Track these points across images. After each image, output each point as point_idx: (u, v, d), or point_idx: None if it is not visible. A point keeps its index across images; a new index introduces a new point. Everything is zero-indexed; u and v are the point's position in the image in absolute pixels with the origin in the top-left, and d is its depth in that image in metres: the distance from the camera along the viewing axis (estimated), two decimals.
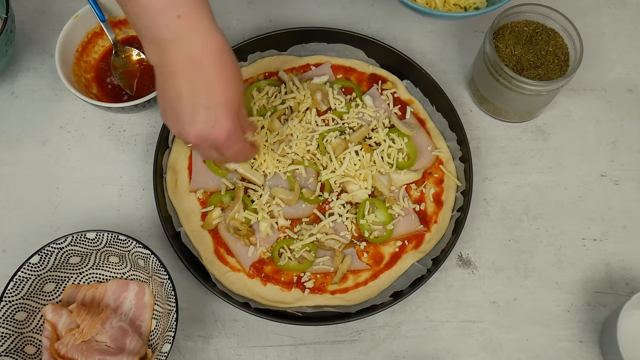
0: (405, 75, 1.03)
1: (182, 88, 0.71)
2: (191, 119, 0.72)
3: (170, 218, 0.94)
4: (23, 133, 1.02)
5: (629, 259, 0.97)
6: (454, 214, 0.95)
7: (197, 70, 0.70)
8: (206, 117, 0.72)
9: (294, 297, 0.91)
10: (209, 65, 0.71)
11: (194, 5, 0.69)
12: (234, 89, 0.73)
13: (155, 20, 0.69)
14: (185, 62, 0.70)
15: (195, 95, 0.71)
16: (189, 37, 0.69)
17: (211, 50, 0.71)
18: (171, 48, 0.70)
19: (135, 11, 0.70)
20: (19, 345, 0.84)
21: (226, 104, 0.72)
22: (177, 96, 0.72)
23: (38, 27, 1.09)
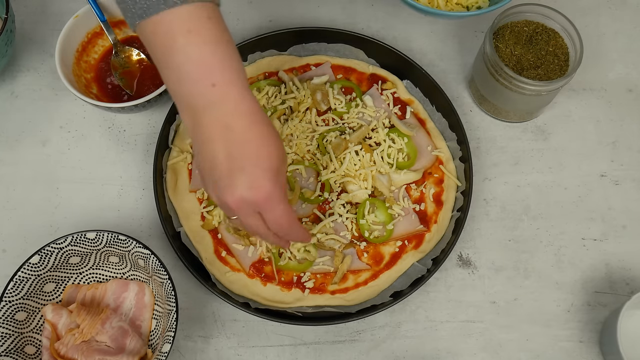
0: (405, 75, 1.03)
1: (218, 154, 0.70)
2: (228, 183, 0.70)
3: (170, 218, 0.94)
4: (23, 133, 1.02)
5: (629, 259, 0.97)
6: (454, 214, 0.95)
7: (230, 134, 0.69)
8: (243, 179, 0.70)
9: (294, 297, 0.91)
10: (240, 129, 0.70)
11: (229, 73, 0.69)
12: (267, 149, 0.71)
13: (191, 88, 0.69)
14: (218, 128, 0.69)
15: (230, 160, 0.70)
16: (222, 103, 0.69)
17: (242, 114, 0.70)
18: (204, 114, 0.69)
19: (173, 78, 0.69)
20: (19, 345, 0.84)
21: (261, 164, 0.70)
22: (213, 163, 0.71)
23: (38, 27, 1.09)
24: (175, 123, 0.98)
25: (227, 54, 0.69)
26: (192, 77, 0.68)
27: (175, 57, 0.68)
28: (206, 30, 0.68)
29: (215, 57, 0.68)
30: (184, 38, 0.67)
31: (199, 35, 0.67)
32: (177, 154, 0.97)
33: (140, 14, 0.67)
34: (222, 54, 0.68)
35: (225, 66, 0.68)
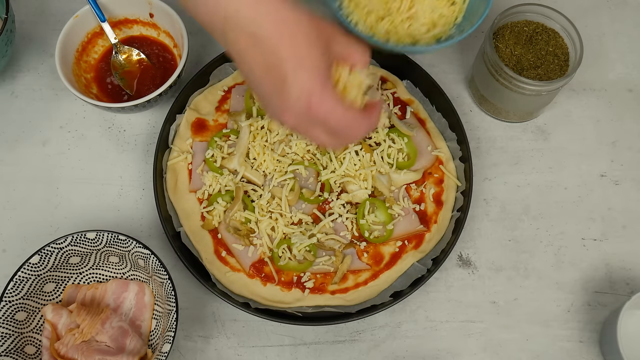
0: (405, 75, 1.03)
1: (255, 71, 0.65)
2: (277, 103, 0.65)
3: (170, 218, 0.94)
4: (23, 133, 1.02)
5: (629, 259, 0.97)
6: (454, 214, 0.95)
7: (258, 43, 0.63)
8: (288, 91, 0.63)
9: (294, 297, 0.91)
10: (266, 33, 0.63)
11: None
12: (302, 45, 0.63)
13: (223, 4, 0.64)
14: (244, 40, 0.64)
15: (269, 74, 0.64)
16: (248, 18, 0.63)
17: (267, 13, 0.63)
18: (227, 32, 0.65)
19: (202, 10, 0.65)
20: (19, 345, 0.84)
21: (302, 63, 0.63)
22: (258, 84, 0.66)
23: (38, 27, 1.09)
24: (176, 123, 0.98)
25: None
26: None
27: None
28: None
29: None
30: None
31: None
32: (177, 154, 0.97)
33: None
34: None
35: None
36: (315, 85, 0.64)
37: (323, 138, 0.69)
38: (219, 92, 1.01)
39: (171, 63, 1.03)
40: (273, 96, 0.65)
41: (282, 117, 0.66)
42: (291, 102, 0.64)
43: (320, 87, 0.64)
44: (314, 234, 0.92)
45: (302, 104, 0.64)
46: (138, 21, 1.03)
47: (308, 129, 0.68)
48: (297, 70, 0.63)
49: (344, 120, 0.66)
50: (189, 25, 0.97)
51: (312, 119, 0.66)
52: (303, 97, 0.64)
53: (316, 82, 0.64)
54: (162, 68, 1.02)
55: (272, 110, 0.68)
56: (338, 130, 0.68)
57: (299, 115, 0.65)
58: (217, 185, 0.94)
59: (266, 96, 0.66)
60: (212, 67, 1.01)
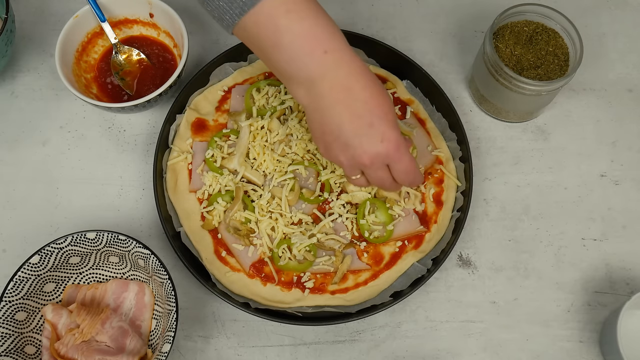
0: (405, 75, 1.03)
1: (343, 116, 0.74)
2: (359, 142, 0.75)
3: (170, 218, 0.94)
4: (23, 133, 1.02)
5: (629, 259, 0.97)
6: (454, 214, 0.95)
7: (352, 94, 0.74)
8: (373, 133, 0.74)
9: (294, 297, 0.91)
10: (360, 88, 0.74)
11: (335, 39, 0.74)
12: (386, 102, 0.76)
13: (304, 60, 0.73)
14: (339, 91, 0.73)
15: (358, 118, 0.74)
16: (336, 68, 0.73)
17: (357, 74, 0.74)
18: (322, 82, 0.73)
19: (284, 58, 0.73)
20: (19, 345, 0.84)
21: (386, 116, 0.75)
22: (339, 126, 0.75)
23: (38, 27, 1.09)
24: (176, 123, 0.98)
25: (328, 23, 0.73)
26: (303, 50, 0.72)
27: (283, 37, 0.72)
28: (302, 6, 0.72)
29: (319, 28, 0.72)
30: (286, 18, 0.71)
31: (298, 13, 0.71)
32: (177, 154, 0.97)
33: (239, 12, 0.71)
34: (324, 24, 0.73)
35: (330, 34, 0.73)
36: (397, 133, 0.76)
37: (386, 178, 0.80)
38: (219, 92, 1.01)
39: (171, 63, 1.03)
40: (355, 139, 0.75)
41: (359, 157, 0.76)
42: (374, 144, 0.75)
43: (399, 134, 0.76)
44: (314, 234, 0.92)
45: (386, 146, 0.75)
46: (138, 21, 1.03)
47: (378, 170, 0.78)
48: (382, 119, 0.74)
49: (413, 165, 0.79)
50: (189, 25, 0.97)
51: (388, 161, 0.77)
52: (391, 142, 0.75)
53: (397, 130, 0.76)
54: (162, 68, 1.02)
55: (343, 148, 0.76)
56: (408, 173, 0.79)
57: (378, 157, 0.76)
58: (217, 185, 0.94)
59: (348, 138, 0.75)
60: (212, 67, 1.01)
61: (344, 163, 0.78)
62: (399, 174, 0.79)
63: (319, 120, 0.76)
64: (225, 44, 1.08)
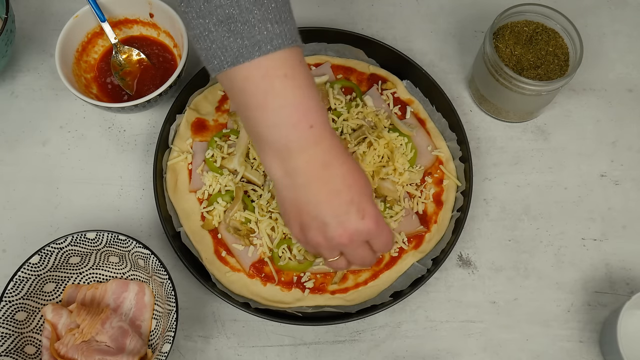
0: (405, 75, 1.03)
1: (320, 194, 0.70)
2: (339, 220, 0.71)
3: (170, 218, 0.94)
4: (23, 133, 1.02)
5: (629, 259, 0.97)
6: (454, 214, 0.95)
7: (330, 171, 0.70)
8: (354, 211, 0.71)
9: (294, 297, 0.91)
10: (337, 163, 0.71)
11: (321, 114, 0.70)
12: (363, 177, 0.73)
13: (288, 131, 0.68)
14: (317, 167, 0.70)
15: (336, 196, 0.71)
16: (318, 143, 0.70)
17: (336, 151, 0.71)
18: (300, 156, 0.69)
19: (266, 122, 0.69)
20: (19, 345, 0.84)
21: (365, 192, 0.72)
22: (317, 204, 0.71)
23: (38, 27, 1.09)
24: (176, 123, 0.98)
25: (317, 96, 0.70)
26: (290, 120, 0.68)
27: (273, 101, 0.67)
28: (300, 74, 0.68)
29: (311, 100, 0.69)
30: (281, 83, 0.67)
31: (294, 80, 0.68)
32: (177, 154, 0.97)
33: (232, 61, 0.66)
34: (315, 96, 0.70)
35: (318, 108, 0.70)
36: (376, 208, 0.73)
37: (366, 255, 0.76)
38: (219, 92, 1.01)
39: (171, 63, 1.03)
40: (334, 218, 0.71)
41: (339, 236, 0.72)
42: (355, 222, 0.71)
43: (378, 208, 0.73)
44: None
45: (367, 223, 0.72)
46: (138, 21, 1.03)
47: (358, 248, 0.74)
48: (362, 195, 0.72)
49: (392, 235, 0.76)
50: None
51: (369, 238, 0.73)
52: (371, 218, 0.72)
53: (375, 206, 0.73)
54: (162, 68, 1.02)
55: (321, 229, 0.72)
56: (387, 245, 0.76)
57: (359, 234, 0.72)
58: (217, 185, 0.94)
59: (326, 216, 0.71)
60: None
61: (322, 244, 0.73)
62: (379, 247, 0.76)
63: (294, 199, 0.72)
64: None
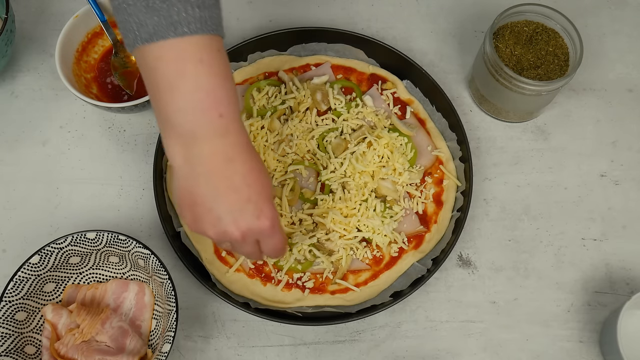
0: (405, 75, 1.03)
1: (219, 188, 0.69)
2: (235, 217, 0.70)
3: (170, 218, 0.94)
4: (23, 133, 1.02)
5: (629, 259, 0.97)
6: (454, 214, 0.95)
7: (232, 166, 0.70)
8: (250, 209, 0.70)
9: (294, 297, 0.91)
10: (241, 161, 0.70)
11: (233, 106, 0.69)
12: (265, 178, 0.73)
13: (196, 116, 0.67)
14: (220, 159, 0.69)
15: (233, 192, 0.70)
16: (224, 135, 0.69)
17: (242, 146, 0.70)
18: (205, 145, 0.68)
19: (175, 105, 0.67)
20: (19, 345, 0.84)
21: (264, 192, 0.72)
22: (215, 197, 0.70)
23: (38, 27, 1.09)
24: None
25: (232, 88, 0.70)
26: (200, 105, 0.67)
27: (185, 84, 0.67)
28: (217, 62, 0.68)
29: (224, 90, 0.68)
30: (195, 67, 0.66)
31: (210, 67, 0.67)
32: None
33: (146, 38, 0.65)
34: (229, 87, 0.69)
35: (230, 99, 0.69)
36: (274, 210, 0.73)
37: (252, 252, 0.76)
38: None
39: None
40: (229, 214, 0.70)
41: (231, 233, 0.71)
42: (249, 220, 0.71)
43: (275, 211, 0.74)
44: (314, 234, 0.92)
45: (262, 223, 0.71)
46: None
47: (247, 245, 0.74)
48: (260, 194, 0.71)
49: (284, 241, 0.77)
50: None
51: (260, 237, 0.74)
52: (267, 218, 0.72)
53: (274, 207, 0.73)
54: None
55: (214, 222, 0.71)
56: (277, 250, 0.76)
57: (251, 232, 0.72)
58: None
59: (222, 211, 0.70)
60: None
61: (212, 237, 0.73)
62: (268, 249, 0.76)
63: (190, 189, 0.70)
64: (225, 43, 1.08)
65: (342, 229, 0.91)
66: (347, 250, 0.92)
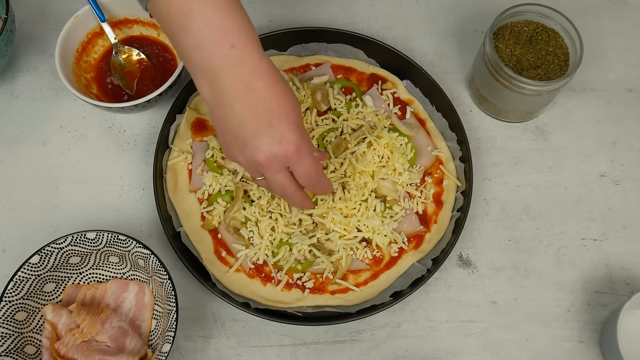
0: (405, 75, 1.03)
1: (243, 114, 0.72)
2: (257, 141, 0.72)
3: (170, 218, 0.94)
4: (23, 133, 1.02)
5: (629, 259, 0.97)
6: (454, 214, 0.95)
7: (252, 93, 0.71)
8: (271, 133, 0.72)
9: (294, 297, 0.91)
10: (261, 87, 0.72)
11: (245, 35, 0.71)
12: (290, 104, 0.73)
13: (210, 51, 0.70)
14: (240, 88, 0.71)
15: (257, 117, 0.72)
16: (241, 64, 0.71)
17: (261, 73, 0.72)
18: (225, 77, 0.71)
19: (191, 45, 0.71)
20: (19, 345, 0.84)
21: (286, 117, 0.73)
22: (239, 124, 0.72)
23: (38, 27, 1.09)
24: (176, 123, 0.98)
25: (242, 17, 0.72)
26: (211, 40, 0.70)
27: (193, 23, 0.70)
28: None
29: (233, 21, 0.71)
30: (200, 4, 0.69)
31: (214, 1, 0.70)
32: (177, 154, 0.97)
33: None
34: (238, 17, 0.71)
35: (241, 29, 0.71)
36: (298, 135, 0.73)
37: (286, 185, 0.76)
38: None
39: (171, 63, 1.03)
40: (253, 138, 0.72)
41: (256, 157, 0.73)
42: (272, 145, 0.72)
43: (301, 136, 0.73)
44: (314, 234, 0.92)
45: (285, 148, 0.72)
46: (138, 21, 1.03)
47: (277, 174, 0.75)
48: (282, 119, 0.72)
49: (316, 168, 0.76)
50: None
51: (288, 164, 0.74)
52: (290, 143, 0.72)
53: (298, 132, 0.73)
54: (162, 68, 1.02)
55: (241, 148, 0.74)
56: (309, 176, 0.76)
57: (275, 158, 0.73)
58: (217, 185, 0.94)
59: (246, 137, 0.73)
60: None
61: (242, 163, 0.76)
62: (300, 177, 0.76)
63: (220, 118, 0.74)
64: None
65: (342, 229, 0.91)
66: (347, 250, 0.92)
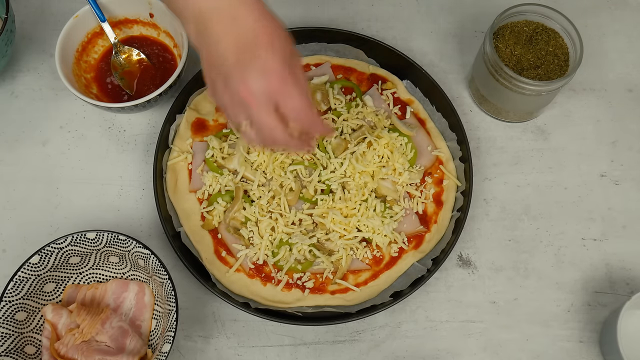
0: (405, 75, 1.03)
1: (228, 48, 0.69)
2: (241, 74, 0.68)
3: (170, 218, 0.94)
4: (23, 133, 1.02)
5: (629, 259, 0.97)
6: (454, 214, 0.95)
7: (239, 25, 0.69)
8: (257, 66, 0.68)
9: (294, 297, 0.91)
10: (249, 19, 0.69)
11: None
12: (276, 32, 0.70)
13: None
14: (226, 21, 0.69)
15: (241, 50, 0.68)
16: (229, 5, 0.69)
17: (249, 6, 0.69)
18: (212, 15, 0.69)
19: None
20: (19, 345, 0.84)
21: (275, 50, 0.69)
22: (224, 58, 0.69)
23: (38, 27, 1.09)
24: (176, 123, 0.98)
25: None
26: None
27: None
28: None
29: None
30: None
31: None
32: (177, 154, 0.97)
33: None
34: None
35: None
36: (283, 65, 0.68)
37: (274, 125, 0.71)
38: None
39: (171, 63, 1.03)
40: (236, 70, 0.68)
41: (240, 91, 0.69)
42: (256, 77, 0.68)
43: (286, 65, 0.69)
44: (314, 234, 0.92)
45: (268, 79, 0.68)
46: (138, 21, 1.03)
47: (263, 113, 0.70)
48: (268, 50, 0.68)
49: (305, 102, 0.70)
50: None
51: (275, 98, 0.69)
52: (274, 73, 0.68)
53: (284, 63, 0.68)
54: (162, 68, 1.02)
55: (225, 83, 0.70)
56: (298, 111, 0.70)
57: (260, 92, 0.68)
58: (217, 185, 0.94)
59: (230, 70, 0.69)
60: None
61: (227, 103, 0.71)
62: (288, 112, 0.70)
63: (206, 56, 0.71)
64: None
65: (342, 229, 0.91)
66: (347, 250, 0.92)
